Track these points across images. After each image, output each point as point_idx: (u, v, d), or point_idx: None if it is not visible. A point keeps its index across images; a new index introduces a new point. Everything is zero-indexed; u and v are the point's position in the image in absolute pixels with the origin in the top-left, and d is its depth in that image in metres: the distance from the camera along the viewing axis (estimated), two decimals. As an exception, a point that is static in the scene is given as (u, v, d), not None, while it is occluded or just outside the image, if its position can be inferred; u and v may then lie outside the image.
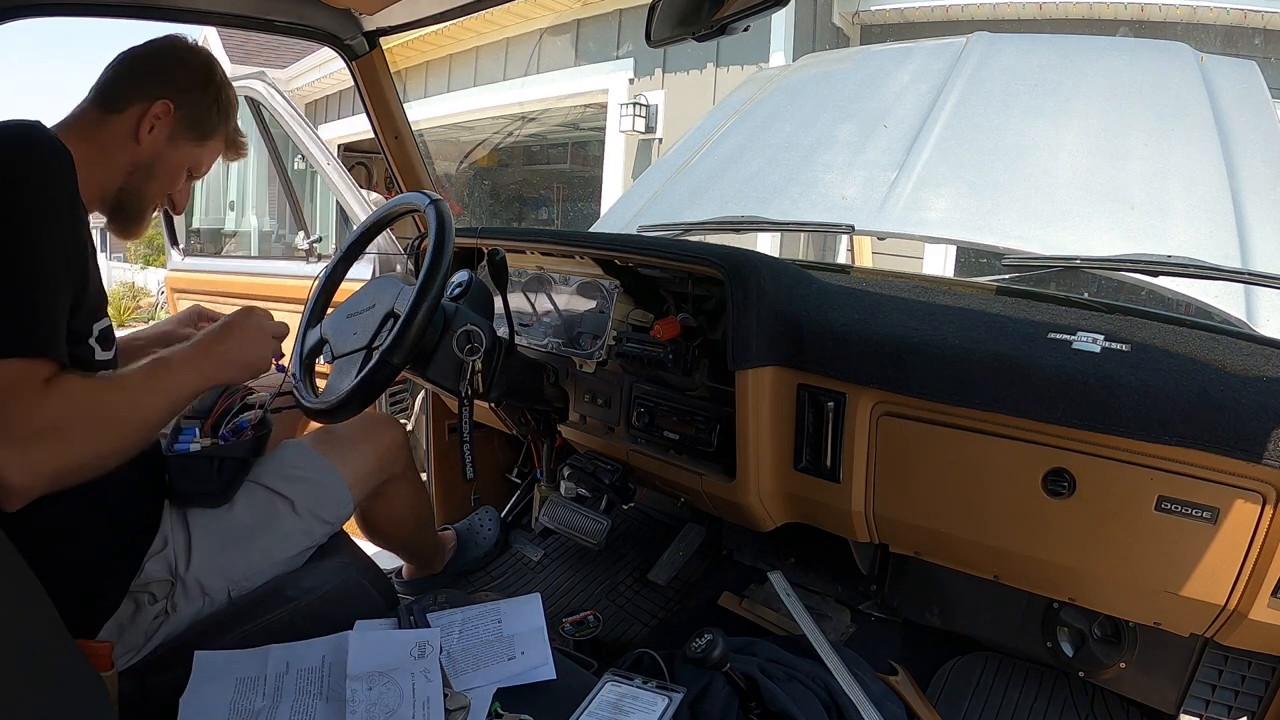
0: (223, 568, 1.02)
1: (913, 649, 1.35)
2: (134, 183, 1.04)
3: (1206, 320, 1.19)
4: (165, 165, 1.06)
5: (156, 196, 1.08)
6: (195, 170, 1.11)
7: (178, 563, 0.98)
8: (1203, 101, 1.77)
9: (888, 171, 1.82)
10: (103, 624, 0.93)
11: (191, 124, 1.07)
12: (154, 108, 1.02)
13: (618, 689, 0.93)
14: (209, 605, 1.00)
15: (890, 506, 1.13)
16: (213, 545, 1.01)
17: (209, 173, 1.17)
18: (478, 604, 1.06)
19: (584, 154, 7.89)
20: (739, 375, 1.15)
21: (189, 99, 1.06)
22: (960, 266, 3.79)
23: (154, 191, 1.07)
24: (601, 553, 1.73)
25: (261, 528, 1.06)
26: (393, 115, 1.72)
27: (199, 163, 1.10)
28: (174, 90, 1.04)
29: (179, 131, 1.05)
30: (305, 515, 1.10)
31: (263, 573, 1.06)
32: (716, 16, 0.93)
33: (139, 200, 1.06)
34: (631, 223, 1.92)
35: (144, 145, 1.03)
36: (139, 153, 1.03)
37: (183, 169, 1.09)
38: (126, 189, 1.03)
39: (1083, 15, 4.29)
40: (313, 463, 1.15)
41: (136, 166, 1.03)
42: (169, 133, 1.04)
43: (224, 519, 1.04)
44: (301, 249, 2.23)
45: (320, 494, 1.13)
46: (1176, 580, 0.93)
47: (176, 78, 1.05)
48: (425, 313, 1.04)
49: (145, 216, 1.09)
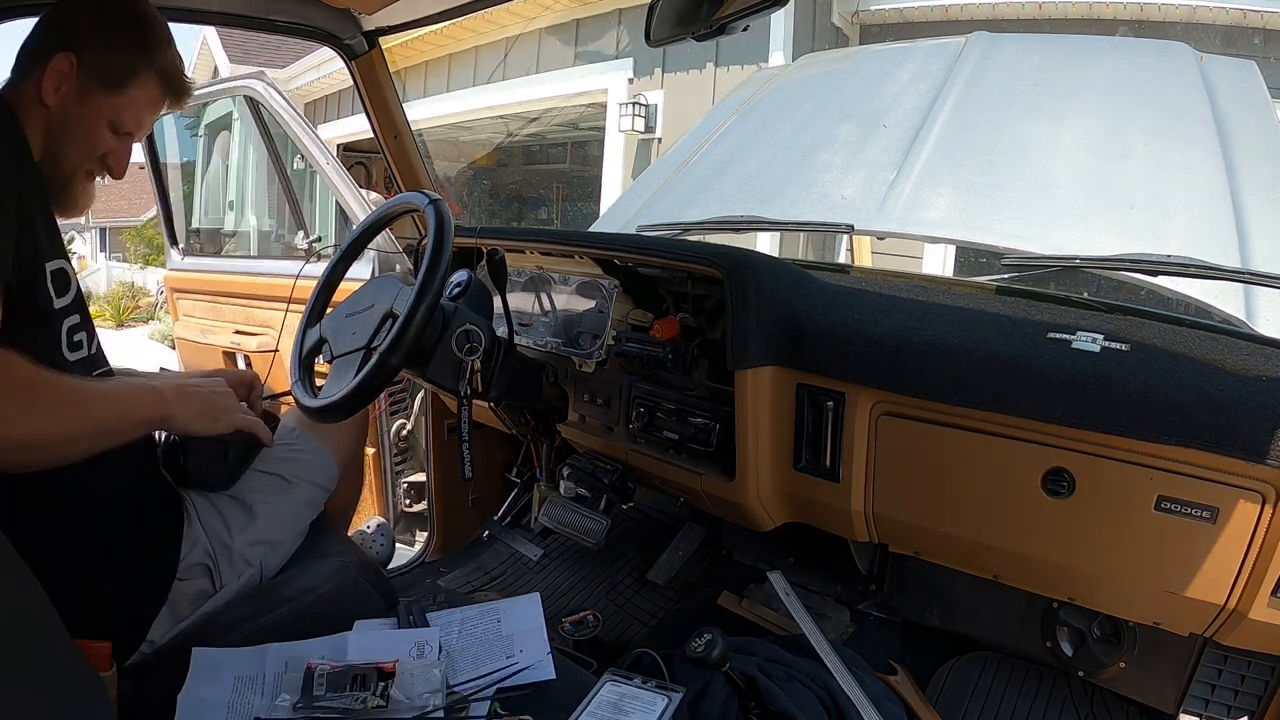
0: (255, 540, 1.06)
1: (912, 649, 1.35)
2: (52, 149, 0.95)
3: (1206, 320, 1.19)
4: (78, 124, 0.96)
5: (81, 160, 0.99)
6: (118, 124, 0.99)
7: (217, 543, 1.01)
8: (1203, 101, 1.77)
9: (887, 171, 1.82)
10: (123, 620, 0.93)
11: (100, 73, 0.96)
12: (54, 62, 0.93)
13: (617, 689, 0.93)
14: (252, 577, 1.05)
15: (890, 506, 1.13)
16: (241, 523, 1.05)
17: (147, 131, 1.05)
18: (477, 604, 1.06)
19: (583, 154, 7.88)
20: (738, 375, 1.15)
21: (92, 46, 0.96)
22: (960, 266, 3.79)
23: (75, 155, 0.98)
24: (601, 552, 1.73)
25: (273, 505, 1.10)
26: (392, 115, 1.72)
27: (120, 115, 0.99)
28: (75, 41, 0.95)
29: (88, 85, 0.95)
30: (306, 485, 1.16)
31: (286, 542, 1.12)
32: (716, 16, 0.93)
33: (61, 167, 0.97)
34: (631, 222, 1.92)
35: (52, 106, 0.94)
36: (50, 116, 0.95)
37: (100, 124, 0.98)
38: (45, 157, 0.95)
39: (1083, 15, 4.29)
40: (302, 442, 1.20)
41: (49, 131, 0.95)
42: (77, 88, 0.95)
43: (240, 501, 1.07)
44: (301, 249, 2.23)
45: (314, 465, 1.19)
46: (1176, 580, 0.93)
47: (79, 27, 0.96)
48: (424, 312, 1.04)
49: (74, 186, 1.00)
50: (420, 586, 1.75)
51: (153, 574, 0.96)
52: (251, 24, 1.45)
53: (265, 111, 2.18)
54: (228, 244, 4.21)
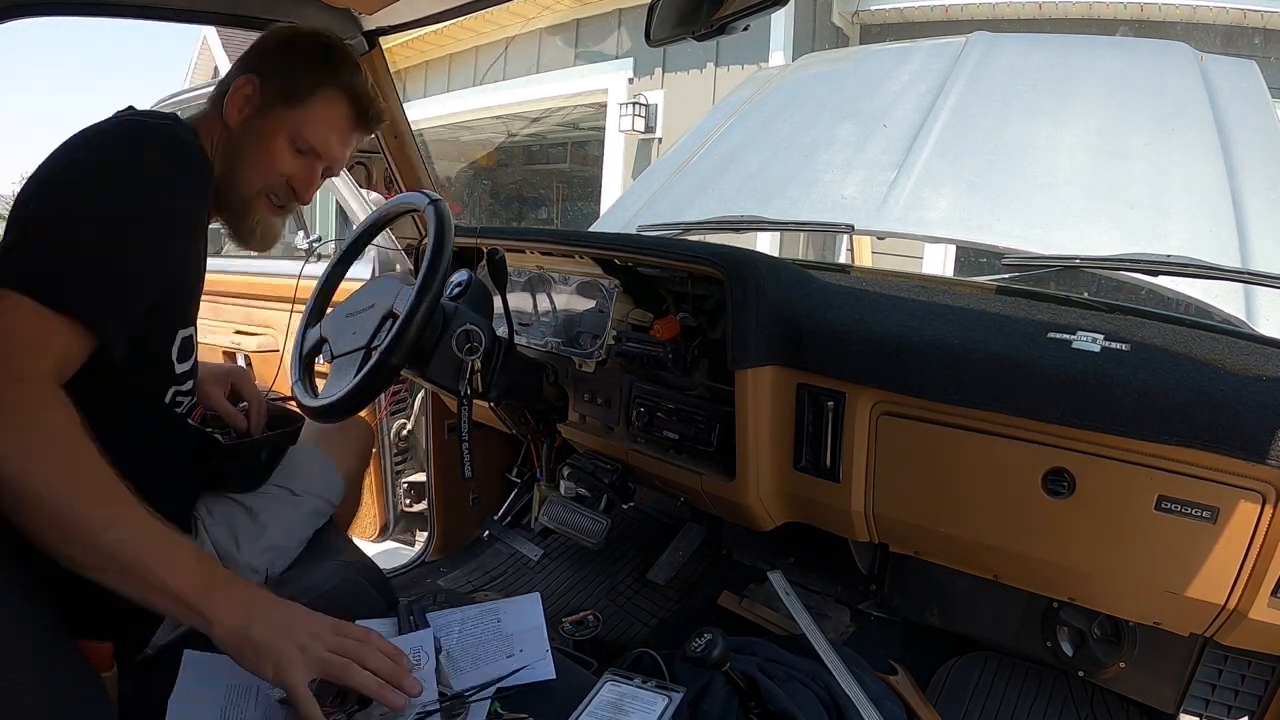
0: (264, 549, 1.06)
1: (912, 648, 1.35)
2: (229, 167, 0.95)
3: (1206, 320, 1.19)
4: (257, 138, 0.95)
5: (260, 180, 0.97)
6: (297, 138, 0.97)
7: (225, 553, 1.01)
8: (1203, 101, 1.77)
9: (887, 171, 1.82)
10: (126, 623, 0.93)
11: (282, 89, 0.96)
12: (239, 83, 0.95)
13: (618, 688, 0.93)
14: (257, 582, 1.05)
15: (890, 506, 1.13)
16: (250, 532, 1.06)
17: (338, 159, 1.02)
18: (477, 604, 1.06)
19: (584, 154, 7.89)
20: (738, 375, 1.15)
21: (272, 65, 0.97)
22: (960, 266, 3.79)
23: (254, 175, 0.97)
24: (601, 552, 1.73)
25: (279, 515, 1.11)
26: (392, 115, 1.71)
27: (300, 129, 0.97)
28: (260, 64, 0.97)
29: (270, 101, 0.96)
30: (310, 497, 1.16)
31: (290, 550, 1.12)
32: (716, 16, 0.93)
33: (236, 188, 0.97)
34: (631, 222, 1.92)
35: (233, 125, 0.95)
36: (231, 135, 0.96)
37: (279, 138, 0.96)
38: (224, 177, 0.95)
39: (1083, 15, 4.29)
40: (310, 456, 1.20)
41: (228, 149, 0.95)
42: (259, 105, 0.96)
43: (248, 510, 1.08)
44: (301, 249, 2.22)
45: (321, 480, 1.19)
46: (1176, 580, 0.93)
47: (266, 53, 0.98)
48: (424, 312, 1.04)
49: (253, 212, 1.00)
50: (420, 586, 1.76)
51: None
52: (252, 24, 1.45)
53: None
54: (228, 243, 4.20)
